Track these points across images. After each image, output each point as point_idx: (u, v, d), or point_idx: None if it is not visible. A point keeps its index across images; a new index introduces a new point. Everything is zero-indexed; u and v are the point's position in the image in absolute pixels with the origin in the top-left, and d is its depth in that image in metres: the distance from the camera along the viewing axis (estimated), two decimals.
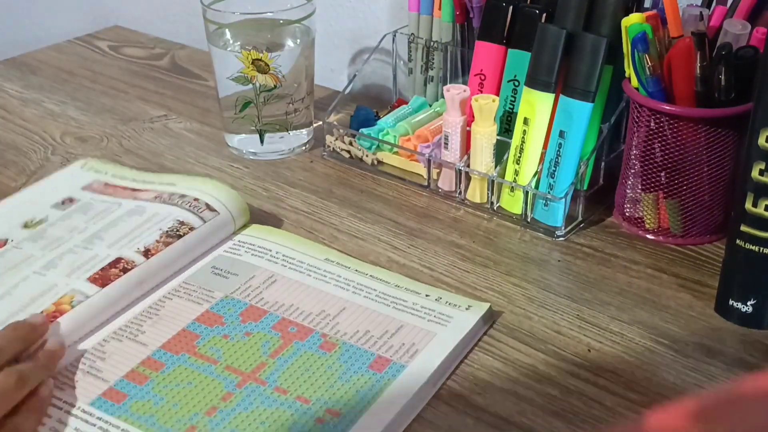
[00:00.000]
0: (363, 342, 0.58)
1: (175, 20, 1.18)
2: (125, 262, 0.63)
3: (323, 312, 0.61)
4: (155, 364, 0.56)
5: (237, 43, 0.82)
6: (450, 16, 0.83)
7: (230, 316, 0.60)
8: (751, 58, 0.63)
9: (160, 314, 0.61)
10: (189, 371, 0.55)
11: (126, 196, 0.72)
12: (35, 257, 0.65)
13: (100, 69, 1.07)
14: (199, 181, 0.73)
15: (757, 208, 0.56)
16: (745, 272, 0.59)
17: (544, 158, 0.72)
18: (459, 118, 0.74)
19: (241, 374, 0.55)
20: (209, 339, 0.58)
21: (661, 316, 0.62)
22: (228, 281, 0.64)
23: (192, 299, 0.62)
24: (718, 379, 0.56)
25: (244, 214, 0.71)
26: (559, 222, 0.71)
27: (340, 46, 1.02)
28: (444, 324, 0.59)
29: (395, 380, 0.54)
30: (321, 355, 0.56)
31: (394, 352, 0.57)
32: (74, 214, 0.70)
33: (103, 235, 0.66)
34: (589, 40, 0.68)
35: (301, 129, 0.85)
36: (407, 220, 0.74)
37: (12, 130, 0.92)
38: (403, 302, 0.62)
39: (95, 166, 0.78)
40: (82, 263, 0.63)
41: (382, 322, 0.60)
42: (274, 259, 0.66)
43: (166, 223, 0.67)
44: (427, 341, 0.58)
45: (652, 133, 0.67)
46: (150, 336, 0.58)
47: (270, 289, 0.63)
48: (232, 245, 0.68)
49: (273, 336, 0.58)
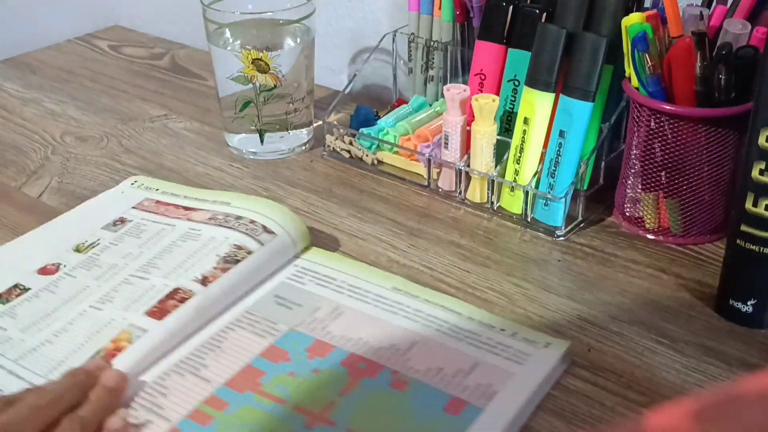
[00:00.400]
0: (436, 381, 0.54)
1: (175, 20, 1.18)
2: (183, 292, 0.60)
3: (393, 346, 0.57)
4: (219, 403, 0.52)
5: (237, 43, 0.82)
6: (450, 16, 0.83)
7: (296, 351, 0.57)
8: (751, 58, 0.63)
9: (222, 347, 0.57)
10: (255, 411, 0.52)
11: (179, 215, 0.70)
12: (90, 289, 0.62)
13: (100, 69, 1.07)
14: (253, 201, 0.70)
15: (757, 208, 0.56)
16: (745, 272, 0.59)
17: (544, 158, 0.72)
18: (459, 117, 0.74)
19: (309, 414, 0.51)
20: (275, 376, 0.54)
21: (661, 316, 0.62)
22: (292, 312, 0.60)
23: (255, 331, 0.59)
24: (718, 379, 0.56)
25: (305, 237, 0.68)
26: (560, 222, 0.71)
27: (340, 46, 1.02)
28: (521, 363, 0.55)
29: (472, 425, 0.50)
30: (392, 394, 0.53)
31: (470, 393, 0.53)
32: (126, 237, 0.68)
33: (158, 263, 0.64)
34: (589, 39, 0.68)
35: (301, 129, 0.85)
36: (407, 219, 0.74)
37: (12, 129, 0.92)
38: (477, 337, 0.58)
39: (145, 182, 0.76)
40: (138, 296, 0.60)
41: (455, 358, 0.55)
42: (339, 289, 0.63)
43: (222, 248, 0.64)
44: (504, 381, 0.53)
45: (652, 133, 0.67)
46: (213, 371, 0.55)
47: (337, 321, 0.59)
48: (294, 272, 0.65)
49: (341, 373, 0.55)
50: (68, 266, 0.65)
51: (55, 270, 0.65)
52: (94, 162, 0.85)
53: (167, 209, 0.71)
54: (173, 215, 0.70)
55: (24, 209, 0.77)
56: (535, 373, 0.54)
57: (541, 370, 0.55)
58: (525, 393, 0.53)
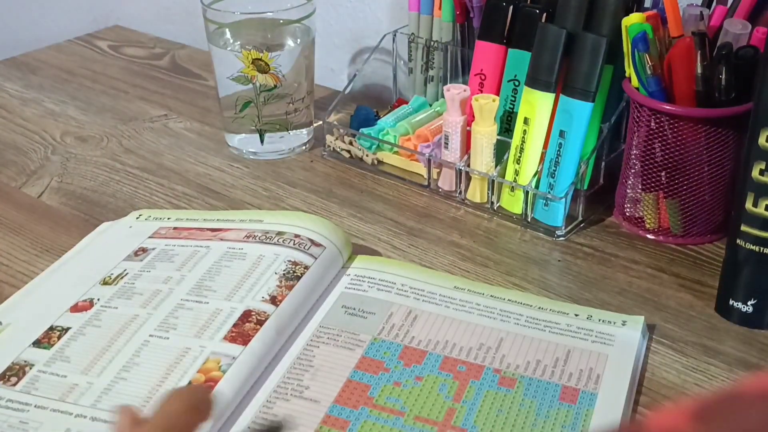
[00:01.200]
0: (540, 373, 0.55)
1: (175, 20, 1.18)
2: (256, 313, 0.58)
3: (482, 345, 0.57)
4: (338, 422, 0.51)
5: (237, 43, 0.82)
6: (450, 16, 0.83)
7: (390, 360, 0.56)
8: (751, 58, 0.63)
9: (315, 365, 0.56)
10: (378, 426, 0.51)
11: (207, 237, 0.67)
12: (141, 318, 0.59)
13: (100, 69, 1.07)
14: (288, 215, 0.69)
15: (757, 208, 0.56)
16: (745, 272, 0.59)
17: (544, 158, 0.72)
18: (459, 117, 0.74)
19: (435, 424, 0.51)
20: (381, 388, 0.54)
21: (661, 316, 0.62)
22: (368, 321, 0.60)
23: (340, 345, 0.58)
24: (718, 379, 0.56)
25: (348, 246, 0.67)
26: (560, 222, 0.71)
27: (340, 46, 1.02)
28: (610, 344, 0.57)
29: (594, 409, 0.52)
30: (506, 393, 0.53)
31: (576, 380, 0.54)
32: (156, 263, 0.65)
33: (211, 285, 0.62)
34: (589, 39, 0.68)
35: (301, 129, 0.85)
36: (407, 219, 0.74)
37: (12, 129, 0.92)
38: (557, 325, 0.59)
39: (152, 214, 0.72)
40: (206, 321, 0.58)
41: (547, 349, 0.57)
42: (403, 293, 0.62)
43: (278, 266, 0.62)
44: (602, 364, 0.55)
45: (652, 133, 0.67)
46: (316, 391, 0.54)
47: (415, 326, 0.59)
48: (351, 281, 0.64)
49: (446, 378, 0.55)
50: (103, 299, 0.61)
51: (89, 305, 0.61)
52: (94, 162, 0.85)
53: (190, 233, 0.68)
54: (201, 238, 0.67)
55: (24, 209, 0.77)
56: (628, 352, 0.56)
57: (632, 347, 0.57)
58: (628, 371, 0.55)
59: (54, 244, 0.71)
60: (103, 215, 0.75)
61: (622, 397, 0.53)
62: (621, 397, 0.53)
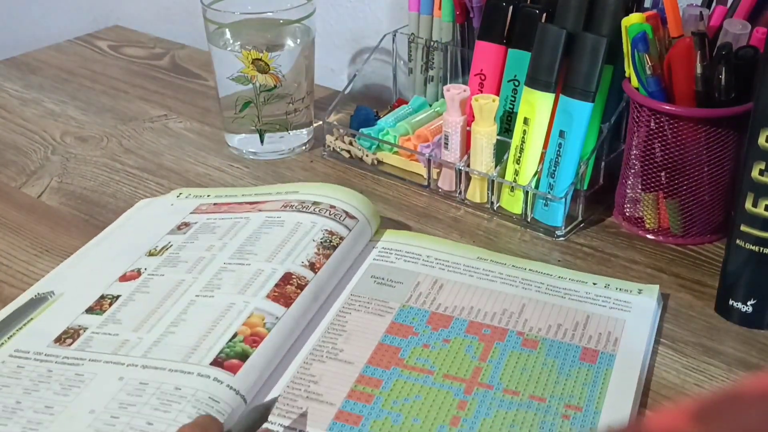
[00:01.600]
0: (561, 336, 0.58)
1: (175, 20, 1.18)
2: (297, 278, 0.61)
3: (506, 311, 0.60)
4: (371, 381, 0.55)
5: (237, 43, 0.82)
6: (450, 16, 0.83)
7: (419, 325, 0.59)
8: (751, 58, 0.63)
9: (348, 330, 0.59)
10: (409, 384, 0.54)
11: (247, 210, 0.70)
12: (186, 282, 0.62)
13: (100, 69, 1.07)
14: (321, 187, 0.71)
15: (757, 208, 0.56)
16: (745, 272, 0.59)
17: (544, 158, 0.72)
18: (459, 118, 0.74)
19: (463, 381, 0.54)
20: (411, 350, 0.57)
21: (661, 316, 0.62)
22: (396, 290, 0.63)
23: (371, 312, 0.61)
24: (718, 379, 0.56)
25: (377, 219, 0.70)
26: (559, 222, 0.71)
27: (340, 46, 1.02)
28: (627, 310, 0.60)
29: (613, 369, 0.55)
30: (529, 353, 0.57)
31: (596, 342, 0.58)
32: (199, 234, 0.67)
33: (252, 249, 0.64)
34: (589, 40, 0.68)
35: (301, 129, 0.85)
36: (407, 219, 0.74)
37: (12, 129, 0.92)
38: (576, 293, 0.62)
39: (192, 192, 0.76)
40: (249, 280, 0.61)
41: (567, 314, 0.60)
42: (429, 263, 0.65)
43: (316, 234, 0.65)
44: (621, 328, 0.59)
45: (652, 133, 0.67)
46: (350, 354, 0.57)
47: (441, 294, 0.62)
48: (378, 253, 0.67)
49: (472, 340, 0.58)
50: (150, 269, 0.64)
51: (137, 274, 0.64)
52: (94, 162, 0.85)
53: (230, 207, 0.71)
54: (240, 210, 0.70)
55: (24, 209, 0.76)
56: (644, 318, 0.60)
57: (649, 313, 0.60)
58: (645, 335, 0.58)
59: (54, 244, 0.71)
60: (103, 215, 0.75)
61: (639, 358, 0.56)
62: (638, 358, 0.56)
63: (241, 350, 0.54)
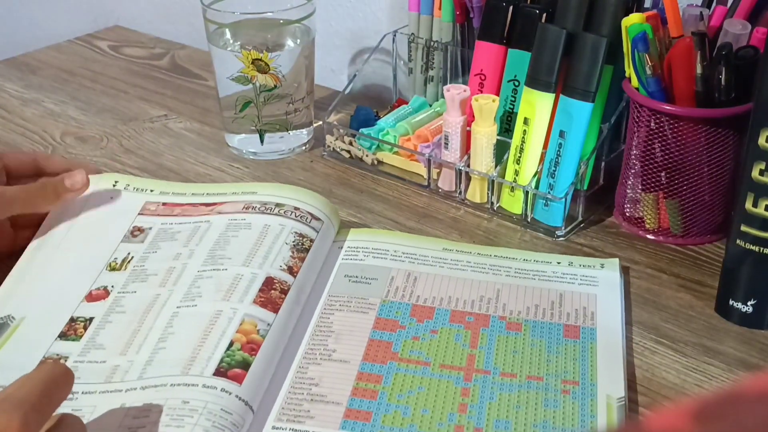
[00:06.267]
0: (541, 316, 0.60)
1: (175, 20, 1.18)
2: (278, 282, 0.59)
3: (483, 297, 0.62)
4: (371, 377, 0.55)
5: (237, 43, 0.82)
6: (450, 16, 0.83)
7: (403, 318, 0.60)
8: (751, 58, 0.63)
9: (335, 330, 0.59)
10: (409, 377, 0.55)
11: (204, 212, 0.67)
12: (163, 295, 0.59)
13: (100, 69, 1.07)
14: (280, 188, 0.69)
15: (757, 208, 0.56)
16: (745, 272, 0.59)
17: (544, 158, 0.72)
18: (459, 118, 0.74)
19: (461, 369, 0.56)
20: (402, 343, 0.58)
21: (661, 316, 0.62)
22: (373, 287, 0.63)
23: (353, 310, 0.61)
24: (718, 379, 0.56)
25: (337, 219, 0.69)
26: (560, 222, 0.71)
27: (340, 46, 1.02)
28: (595, 284, 0.63)
29: (597, 341, 0.58)
30: (515, 336, 0.58)
31: (575, 318, 0.60)
32: (160, 243, 0.64)
33: (223, 254, 0.62)
34: (589, 40, 0.68)
35: (301, 129, 0.85)
36: (407, 220, 0.74)
37: (12, 130, 0.92)
38: (544, 273, 0.64)
39: (130, 182, 0.70)
40: (230, 285, 0.59)
41: (542, 294, 0.62)
42: (399, 258, 0.66)
43: (288, 238, 0.63)
44: (594, 302, 0.61)
45: (652, 133, 0.67)
46: (344, 353, 0.57)
47: (418, 286, 0.63)
48: (346, 252, 0.67)
49: (458, 329, 0.59)
50: (117, 286, 0.61)
51: (105, 293, 0.60)
52: (93, 162, 0.85)
53: (183, 209, 0.68)
54: (197, 213, 0.67)
55: None
56: (613, 289, 0.63)
57: (615, 285, 0.63)
58: (617, 306, 0.61)
59: None
60: None
61: (618, 329, 0.59)
62: (617, 329, 0.59)
63: (241, 359, 0.53)
